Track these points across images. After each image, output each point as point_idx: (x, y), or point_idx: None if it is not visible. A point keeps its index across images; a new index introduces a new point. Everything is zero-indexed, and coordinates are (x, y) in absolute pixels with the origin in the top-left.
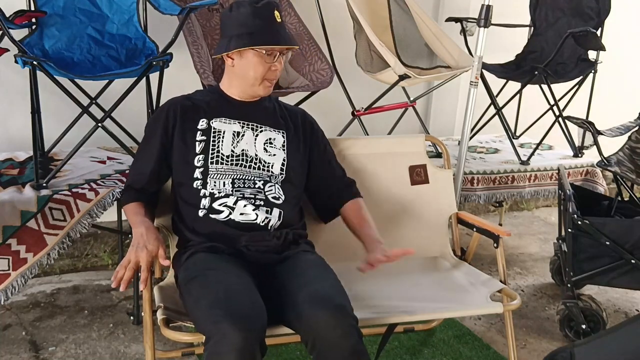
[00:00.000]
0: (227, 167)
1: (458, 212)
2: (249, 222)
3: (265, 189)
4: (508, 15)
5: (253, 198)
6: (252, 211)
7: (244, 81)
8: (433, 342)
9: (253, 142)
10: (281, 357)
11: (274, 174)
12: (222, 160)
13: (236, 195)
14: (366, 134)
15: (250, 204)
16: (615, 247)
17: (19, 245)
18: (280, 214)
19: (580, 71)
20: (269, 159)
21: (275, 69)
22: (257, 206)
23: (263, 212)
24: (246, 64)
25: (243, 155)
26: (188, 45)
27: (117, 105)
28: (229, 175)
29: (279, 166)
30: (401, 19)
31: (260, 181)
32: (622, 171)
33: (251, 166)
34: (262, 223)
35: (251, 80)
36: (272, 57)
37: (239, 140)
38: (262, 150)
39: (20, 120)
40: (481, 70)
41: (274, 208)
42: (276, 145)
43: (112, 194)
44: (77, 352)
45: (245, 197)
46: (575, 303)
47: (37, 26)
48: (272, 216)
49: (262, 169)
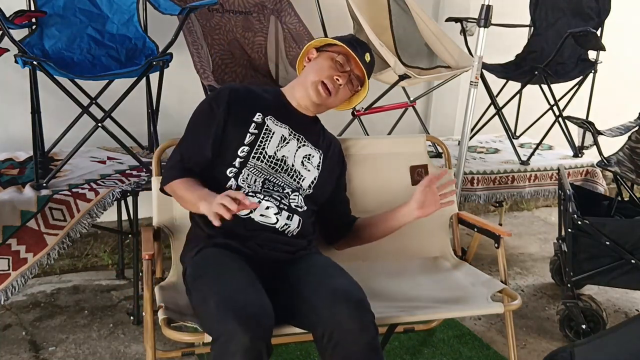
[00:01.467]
0: (265, 167)
1: (459, 212)
2: (268, 224)
3: (291, 196)
4: (508, 15)
5: (278, 201)
6: (274, 215)
7: (305, 79)
8: (433, 342)
9: (294, 152)
10: (281, 357)
11: (303, 187)
12: (263, 158)
13: (263, 194)
14: (366, 134)
15: (275, 206)
16: (615, 247)
17: (19, 245)
18: (299, 221)
19: (580, 71)
20: (303, 173)
21: (338, 78)
22: (280, 209)
23: (284, 218)
24: (317, 63)
25: (282, 162)
26: (188, 45)
27: (117, 105)
28: (263, 175)
29: (309, 182)
30: (401, 19)
31: (288, 189)
32: (622, 171)
33: (287, 172)
34: (281, 228)
35: (311, 77)
36: (343, 66)
37: (284, 145)
38: (300, 163)
39: (20, 120)
40: (481, 70)
41: (294, 215)
42: (313, 163)
43: (112, 194)
44: (77, 352)
45: (272, 198)
46: (575, 303)
47: (37, 26)
48: (291, 223)
49: (294, 178)
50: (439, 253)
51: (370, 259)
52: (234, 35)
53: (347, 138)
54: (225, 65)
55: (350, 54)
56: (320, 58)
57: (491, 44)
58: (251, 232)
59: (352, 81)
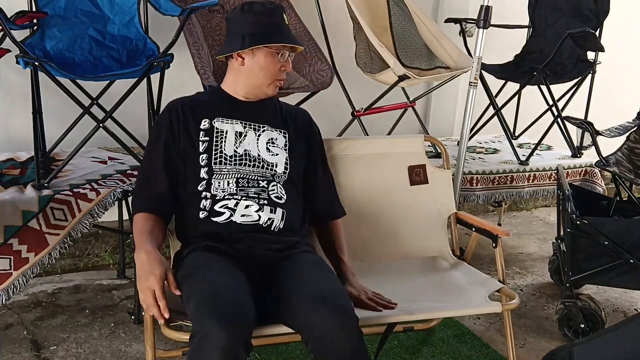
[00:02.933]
0: (231, 167)
1: (457, 212)
2: (251, 223)
3: (269, 188)
4: (507, 15)
5: (257, 197)
6: (255, 212)
7: (253, 81)
8: (432, 341)
9: (255, 142)
10: (281, 356)
11: (277, 173)
12: (225, 160)
13: (240, 195)
14: (366, 134)
15: (255, 203)
16: (614, 246)
17: (21, 245)
18: (283, 214)
19: (579, 72)
20: (271, 159)
21: (284, 69)
22: (261, 205)
23: (267, 213)
24: (257, 64)
25: (246, 156)
26: (189, 46)
27: (118, 106)
28: (233, 175)
29: (282, 166)
30: (400, 19)
31: (263, 181)
32: (621, 171)
33: (255, 165)
34: (265, 224)
35: (261, 79)
36: (283, 56)
37: (242, 140)
38: (265, 150)
39: (21, 121)
40: (480, 70)
41: (277, 207)
42: (278, 145)
43: (113, 194)
44: (78, 351)
45: (250, 197)
46: (574, 302)
47: (39, 27)
48: (275, 216)
49: (266, 168)
50: (438, 253)
51: (369, 259)
52: None
53: (346, 138)
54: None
55: (285, 47)
56: (258, 57)
57: (490, 45)
58: (237, 235)
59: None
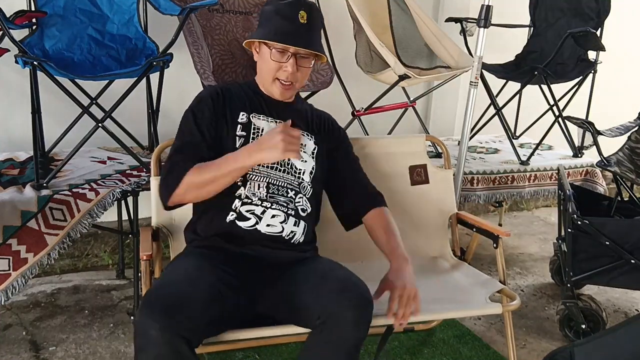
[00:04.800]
0: (263, 169)
1: (458, 212)
2: (274, 234)
3: (296, 200)
4: (508, 15)
5: (285, 207)
6: (280, 223)
7: (260, 74)
8: (433, 341)
9: None
10: (281, 356)
11: (304, 182)
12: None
13: (270, 201)
14: (366, 134)
15: (282, 213)
16: (615, 247)
17: (20, 245)
18: (305, 228)
19: (580, 71)
20: (300, 165)
21: (286, 70)
22: (287, 216)
23: (290, 225)
24: (261, 58)
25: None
26: (188, 45)
27: (118, 106)
28: (264, 179)
29: (308, 175)
30: (401, 19)
31: (292, 190)
32: (622, 171)
33: (286, 170)
34: (287, 237)
35: (264, 74)
36: (283, 56)
37: None
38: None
39: (20, 121)
40: (481, 70)
41: (301, 221)
42: (307, 152)
43: (113, 194)
44: (77, 351)
45: (279, 205)
46: (575, 303)
47: (38, 26)
48: (297, 229)
49: (294, 174)
50: (438, 253)
51: (370, 259)
52: (234, 36)
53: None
54: (225, 66)
55: (287, 48)
56: (262, 51)
57: (491, 44)
58: (257, 242)
59: (303, 58)
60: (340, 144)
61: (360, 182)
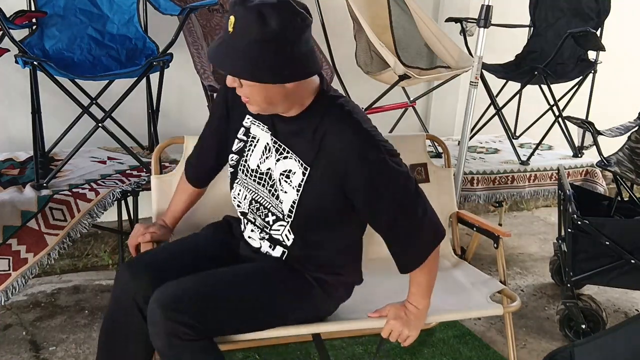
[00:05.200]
0: (250, 181)
1: (458, 211)
2: (253, 247)
3: (273, 226)
4: (508, 15)
5: (260, 229)
6: (258, 239)
7: None
8: (433, 341)
9: (274, 165)
10: (281, 357)
11: (284, 212)
12: (247, 171)
13: (248, 218)
14: None
15: (257, 233)
16: (615, 247)
17: (20, 246)
18: (283, 253)
19: (580, 71)
20: (281, 195)
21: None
22: (262, 238)
23: (266, 246)
24: None
25: (267, 176)
26: (188, 45)
27: (118, 106)
28: (251, 192)
29: (287, 207)
30: (401, 19)
31: (273, 216)
32: (622, 171)
33: (271, 192)
34: (265, 252)
35: None
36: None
37: (266, 157)
38: (278, 180)
39: (20, 121)
40: (481, 70)
41: (277, 246)
42: (292, 182)
43: (113, 194)
44: (77, 352)
45: (255, 225)
46: (575, 303)
47: (38, 26)
48: (274, 252)
49: (278, 199)
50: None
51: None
52: None
53: None
54: None
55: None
56: None
57: (491, 44)
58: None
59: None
60: (357, 185)
61: (396, 239)
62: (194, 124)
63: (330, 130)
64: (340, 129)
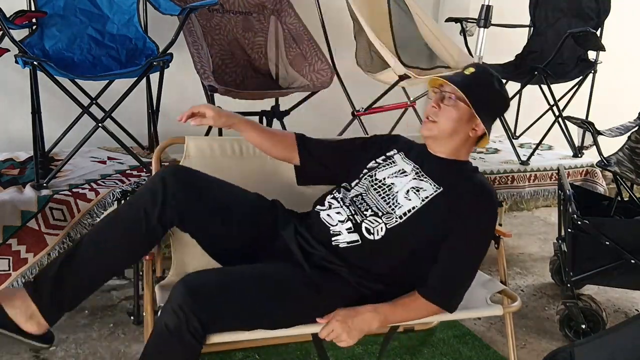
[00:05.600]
0: (367, 184)
1: None
2: (326, 223)
3: (368, 218)
4: (508, 15)
5: (352, 214)
6: (338, 220)
7: None
8: (433, 341)
9: (405, 183)
10: (281, 356)
11: (395, 215)
12: (370, 178)
13: (347, 204)
14: (366, 134)
15: (345, 215)
16: (615, 247)
17: (20, 246)
18: (355, 241)
19: (580, 71)
20: (401, 201)
21: (432, 105)
22: (347, 219)
23: (344, 227)
24: None
25: (387, 188)
26: (188, 45)
27: (118, 106)
28: (360, 190)
29: (404, 210)
30: (401, 19)
31: (371, 212)
32: (622, 171)
33: (384, 198)
34: (333, 231)
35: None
36: (435, 94)
37: (398, 175)
38: (404, 192)
39: (20, 121)
40: None
41: (357, 232)
42: (420, 194)
43: (113, 194)
44: (77, 352)
45: (349, 208)
46: (575, 303)
47: (38, 26)
48: (347, 236)
49: (389, 204)
50: None
51: None
52: (234, 36)
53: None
54: (225, 66)
55: (436, 80)
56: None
57: (491, 44)
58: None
59: (449, 98)
60: (462, 225)
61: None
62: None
63: (467, 188)
64: (474, 191)
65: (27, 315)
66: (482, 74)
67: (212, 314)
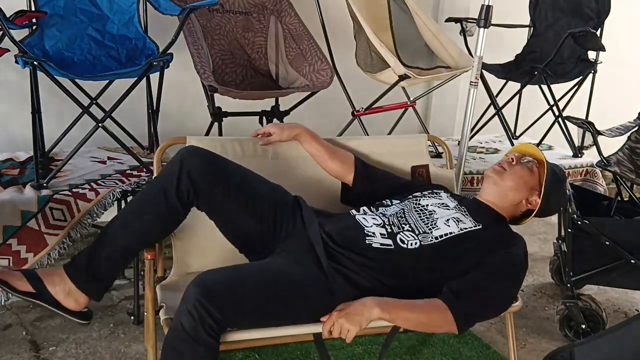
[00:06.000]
0: (411, 206)
1: None
2: (361, 224)
3: (404, 231)
4: (508, 15)
5: (390, 225)
6: (375, 225)
7: None
8: (433, 341)
9: (446, 214)
10: (281, 356)
11: (431, 235)
12: (414, 202)
13: (386, 218)
14: (366, 134)
15: (382, 223)
16: (615, 247)
17: (20, 246)
18: (384, 245)
19: (579, 71)
20: (440, 225)
21: (509, 158)
22: (382, 226)
23: (377, 231)
24: None
25: (428, 212)
26: (188, 45)
27: (118, 106)
28: (401, 209)
29: (442, 233)
30: (401, 19)
31: (408, 227)
32: (622, 171)
33: (423, 220)
34: (367, 231)
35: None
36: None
37: (441, 207)
38: (445, 220)
39: (20, 121)
40: (481, 70)
41: (391, 239)
42: (459, 225)
43: (113, 194)
44: (77, 352)
45: (388, 219)
46: (575, 303)
47: (38, 26)
48: (379, 239)
49: (428, 225)
50: None
51: None
52: (234, 36)
53: (348, 138)
54: (225, 66)
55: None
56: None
57: (491, 44)
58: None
59: (528, 161)
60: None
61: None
62: (194, 124)
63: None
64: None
65: (65, 292)
66: (564, 181)
67: (227, 312)
